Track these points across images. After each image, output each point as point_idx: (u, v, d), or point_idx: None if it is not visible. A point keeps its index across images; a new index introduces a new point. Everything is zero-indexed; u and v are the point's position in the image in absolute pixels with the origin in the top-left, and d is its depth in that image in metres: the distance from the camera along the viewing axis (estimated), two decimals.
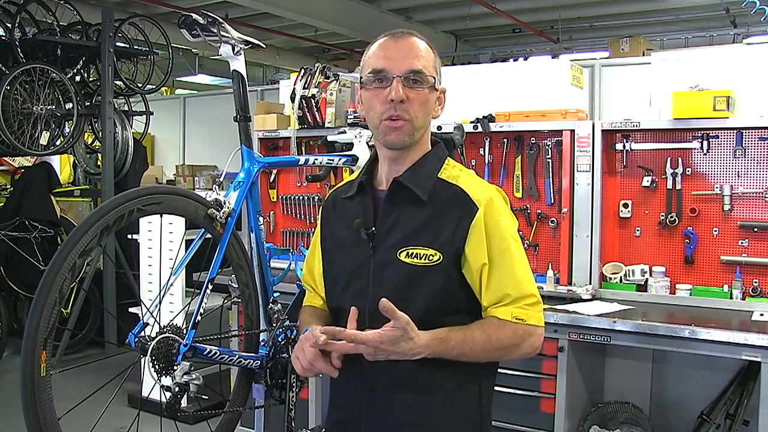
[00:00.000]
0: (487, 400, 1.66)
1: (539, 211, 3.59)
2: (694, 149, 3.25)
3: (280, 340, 2.11)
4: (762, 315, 2.94)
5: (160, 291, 2.01)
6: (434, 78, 1.60)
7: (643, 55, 6.73)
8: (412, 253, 1.55)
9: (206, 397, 1.92)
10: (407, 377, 1.54)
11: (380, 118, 1.58)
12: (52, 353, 1.59)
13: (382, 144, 1.63)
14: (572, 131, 3.36)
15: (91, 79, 6.18)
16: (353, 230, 1.61)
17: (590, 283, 3.32)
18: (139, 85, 6.43)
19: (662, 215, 3.32)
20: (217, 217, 1.95)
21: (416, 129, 1.58)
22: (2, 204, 6.07)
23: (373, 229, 1.59)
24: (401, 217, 1.59)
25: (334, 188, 1.80)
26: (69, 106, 5.72)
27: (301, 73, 4.00)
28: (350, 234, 1.63)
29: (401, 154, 1.62)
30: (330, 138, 2.75)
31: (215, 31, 2.05)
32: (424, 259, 1.54)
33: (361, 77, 1.62)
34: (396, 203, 1.60)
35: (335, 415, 1.71)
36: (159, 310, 1.91)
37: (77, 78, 6.01)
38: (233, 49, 2.11)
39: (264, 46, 2.36)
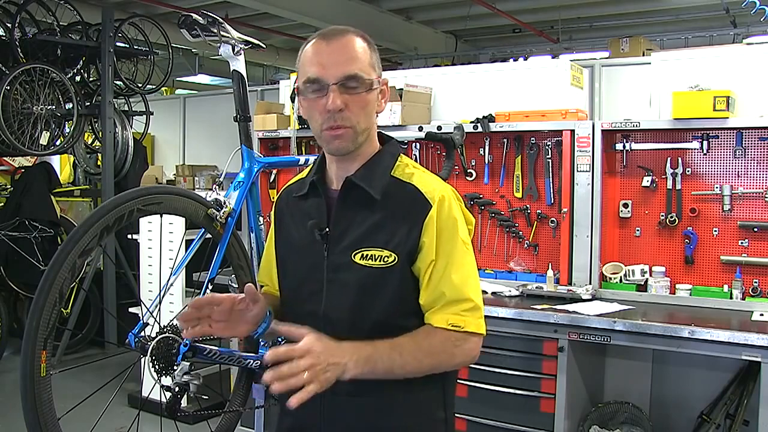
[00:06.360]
0: (451, 398, 1.62)
1: (539, 211, 3.59)
2: (694, 149, 3.25)
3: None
4: (762, 315, 2.94)
5: (160, 291, 2.01)
6: (371, 79, 1.49)
7: (643, 55, 6.72)
8: (367, 255, 1.49)
9: (206, 397, 1.92)
10: (369, 379, 1.41)
11: (321, 128, 1.50)
12: (52, 353, 1.60)
13: (326, 152, 1.57)
14: (572, 131, 3.36)
15: (91, 79, 6.17)
16: (307, 231, 1.55)
17: (590, 283, 3.33)
18: (139, 85, 6.42)
19: (662, 215, 3.32)
20: (217, 217, 1.95)
21: (359, 134, 1.50)
22: (2, 204, 6.06)
23: (327, 230, 1.53)
24: (355, 218, 1.53)
25: (287, 186, 1.73)
26: (69, 106, 5.70)
27: None
28: (303, 235, 1.57)
29: (349, 154, 1.54)
30: None
31: (215, 31, 2.06)
32: (379, 261, 1.48)
33: (297, 84, 1.54)
34: (349, 203, 1.54)
35: (288, 420, 1.64)
36: (159, 310, 1.92)
37: (77, 78, 5.99)
38: (233, 49, 2.11)
39: (264, 46, 2.37)
